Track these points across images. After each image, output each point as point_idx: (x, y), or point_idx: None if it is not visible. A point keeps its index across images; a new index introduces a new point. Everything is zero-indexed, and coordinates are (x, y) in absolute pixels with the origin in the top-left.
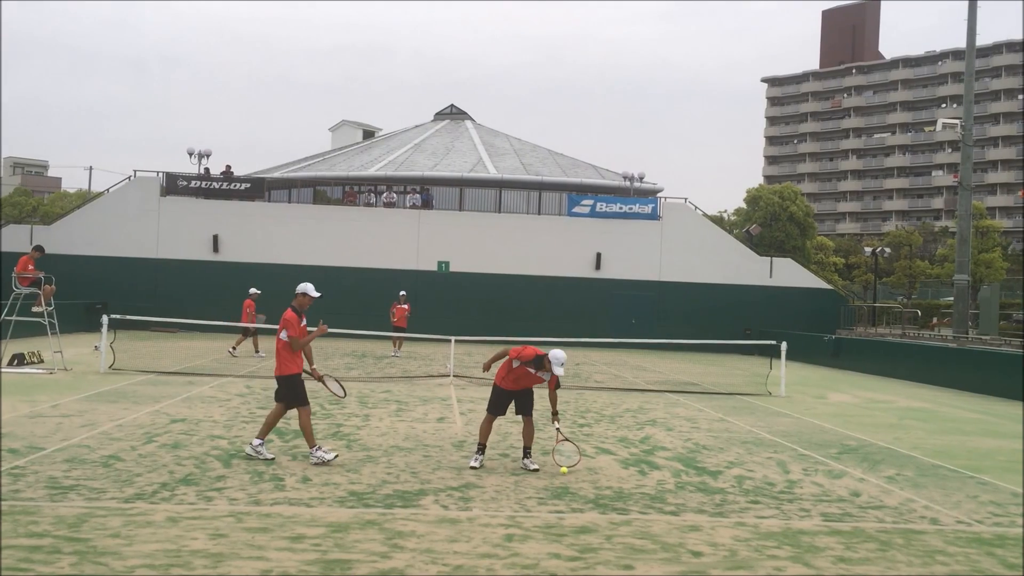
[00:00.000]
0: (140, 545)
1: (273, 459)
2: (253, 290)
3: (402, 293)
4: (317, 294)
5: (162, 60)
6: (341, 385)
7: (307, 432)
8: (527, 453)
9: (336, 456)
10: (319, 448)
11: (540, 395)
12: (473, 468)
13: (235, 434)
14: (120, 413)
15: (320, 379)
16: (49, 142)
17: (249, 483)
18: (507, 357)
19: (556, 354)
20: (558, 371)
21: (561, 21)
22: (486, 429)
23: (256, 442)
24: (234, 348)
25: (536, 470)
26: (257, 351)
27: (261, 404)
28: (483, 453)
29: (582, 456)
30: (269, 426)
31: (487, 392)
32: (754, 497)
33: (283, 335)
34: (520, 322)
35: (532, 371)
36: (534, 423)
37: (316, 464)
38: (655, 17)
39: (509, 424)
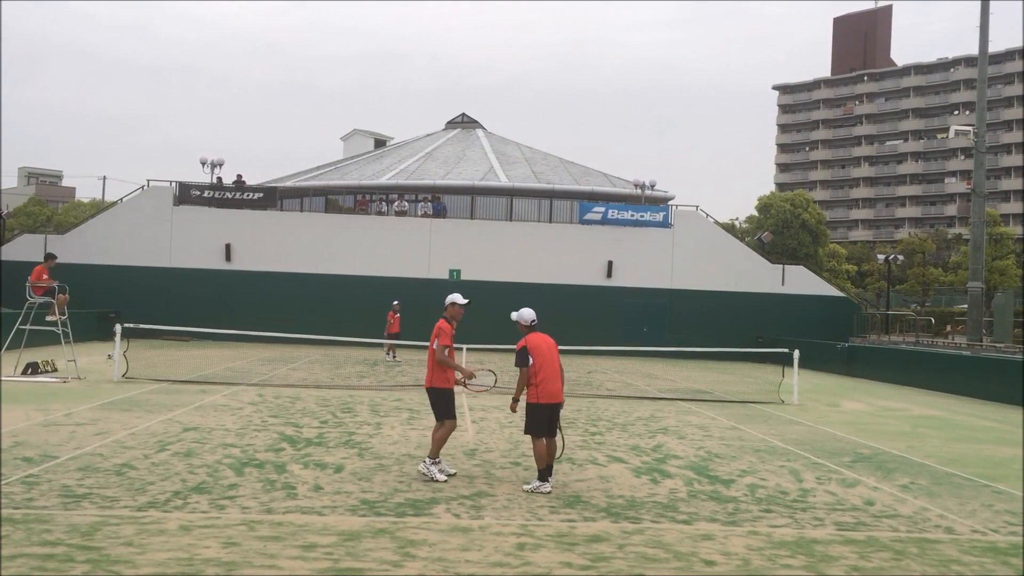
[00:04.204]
0: (153, 553)
1: (455, 473)
2: (396, 302)
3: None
4: (465, 301)
5: (176, 68)
6: (492, 372)
7: (436, 443)
8: (550, 472)
9: (447, 480)
10: (438, 463)
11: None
12: (547, 493)
13: (247, 442)
14: (133, 421)
15: (471, 377)
16: (63, 151)
17: (261, 491)
18: (528, 369)
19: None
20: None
21: (572, 27)
22: (543, 451)
23: (428, 461)
24: (393, 355)
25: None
26: (392, 356)
27: (273, 412)
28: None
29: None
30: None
31: (499, 400)
32: (767, 506)
33: (435, 344)
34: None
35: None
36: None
37: (425, 476)
38: (664, 24)
39: (521, 432)
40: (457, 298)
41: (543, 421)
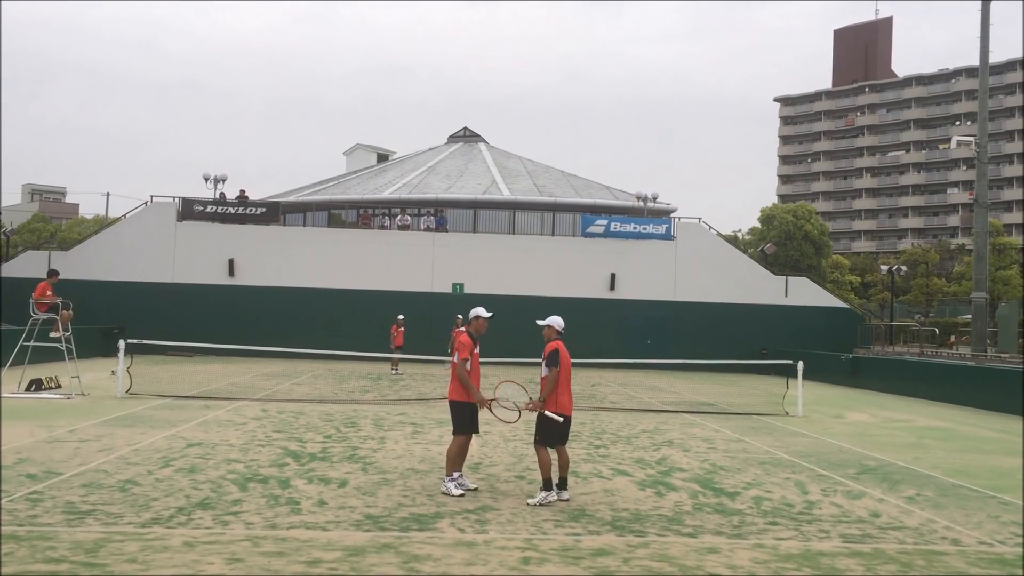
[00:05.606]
0: (157, 570)
1: (476, 488)
2: (400, 316)
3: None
4: (489, 314)
5: (179, 84)
6: (517, 407)
7: (449, 459)
8: (564, 484)
9: (463, 494)
10: (453, 479)
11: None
12: (550, 504)
13: (251, 458)
14: (137, 437)
15: (487, 406)
16: (67, 167)
17: (265, 507)
18: (558, 368)
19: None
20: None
21: (574, 40)
22: (548, 462)
23: (446, 478)
24: (396, 369)
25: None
26: (396, 370)
27: (277, 427)
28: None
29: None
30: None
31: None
32: (772, 518)
33: (455, 358)
34: (535, 343)
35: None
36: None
37: (443, 493)
38: (666, 36)
39: (525, 446)
40: (481, 311)
41: (563, 432)
